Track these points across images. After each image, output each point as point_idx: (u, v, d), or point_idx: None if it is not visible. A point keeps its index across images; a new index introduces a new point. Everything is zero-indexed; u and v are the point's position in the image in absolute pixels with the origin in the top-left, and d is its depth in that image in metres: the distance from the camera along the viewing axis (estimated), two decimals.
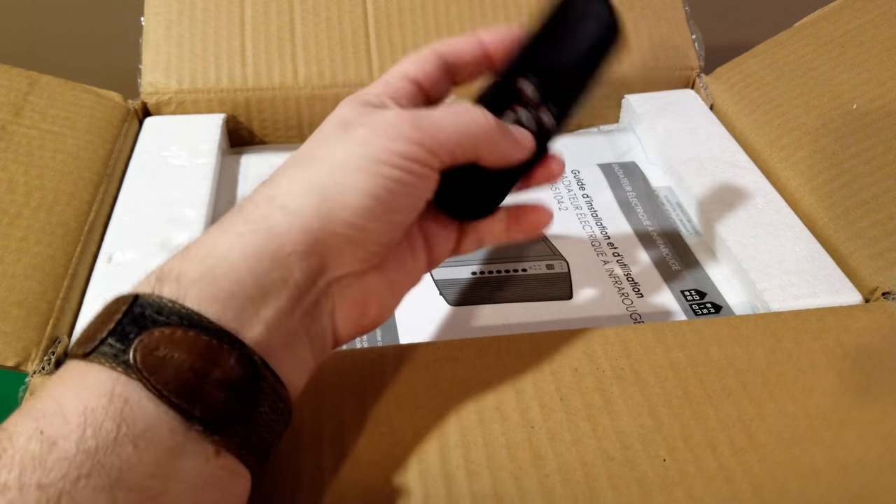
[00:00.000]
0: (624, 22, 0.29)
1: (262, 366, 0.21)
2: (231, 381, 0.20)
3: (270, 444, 0.22)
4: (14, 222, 0.35)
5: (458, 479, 0.26)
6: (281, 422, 0.22)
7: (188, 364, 0.19)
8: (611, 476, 0.26)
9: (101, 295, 0.35)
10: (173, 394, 0.19)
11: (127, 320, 0.20)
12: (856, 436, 0.28)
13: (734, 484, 0.26)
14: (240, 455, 0.20)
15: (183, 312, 0.20)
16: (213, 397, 0.19)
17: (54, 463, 0.17)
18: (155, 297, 0.20)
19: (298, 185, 0.23)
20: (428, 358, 0.30)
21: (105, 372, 0.19)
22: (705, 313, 0.37)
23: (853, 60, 0.44)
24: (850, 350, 0.31)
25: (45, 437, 0.17)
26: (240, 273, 0.21)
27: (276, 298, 0.22)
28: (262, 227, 0.22)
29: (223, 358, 0.20)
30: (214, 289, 0.20)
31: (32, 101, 0.41)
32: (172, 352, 0.19)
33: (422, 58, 0.27)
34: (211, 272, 0.21)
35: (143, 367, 0.19)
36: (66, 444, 0.17)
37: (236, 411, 0.20)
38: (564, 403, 0.28)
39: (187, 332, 0.19)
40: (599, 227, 0.42)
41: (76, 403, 0.18)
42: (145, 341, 0.19)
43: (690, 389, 0.29)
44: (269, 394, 0.21)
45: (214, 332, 0.20)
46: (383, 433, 0.27)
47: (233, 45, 0.48)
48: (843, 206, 0.39)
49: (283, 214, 0.22)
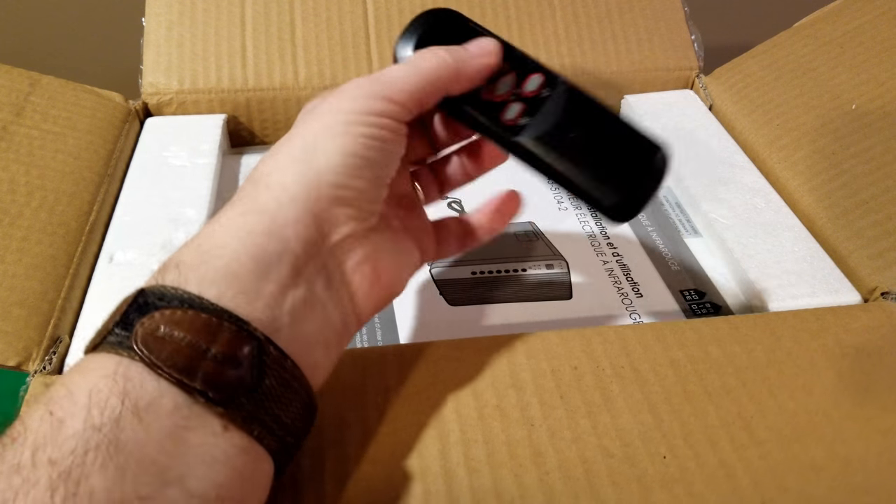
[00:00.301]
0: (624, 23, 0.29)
1: (266, 341, 0.21)
2: (231, 355, 0.20)
3: (292, 426, 0.22)
4: (15, 222, 0.35)
5: (459, 476, 0.26)
6: (297, 401, 0.22)
7: (187, 341, 0.20)
8: (611, 473, 0.26)
9: (103, 295, 0.35)
10: (173, 369, 0.19)
11: (132, 309, 0.20)
12: (856, 432, 0.28)
13: (734, 480, 0.26)
14: (250, 431, 0.20)
15: (184, 296, 0.20)
16: (213, 371, 0.20)
17: (64, 440, 0.18)
18: (158, 286, 0.21)
19: (281, 162, 0.24)
20: (428, 357, 0.30)
21: (109, 357, 0.20)
22: (704, 313, 0.37)
23: (852, 61, 0.45)
24: (850, 349, 0.31)
25: (54, 418, 0.18)
26: (236, 253, 0.22)
27: (277, 272, 0.22)
28: (253, 209, 0.23)
29: (222, 333, 0.20)
30: (213, 272, 0.21)
31: (34, 101, 0.41)
32: (172, 331, 0.20)
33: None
34: (209, 257, 0.21)
35: (143, 346, 0.19)
36: (74, 421, 0.18)
37: (239, 385, 0.20)
38: (564, 401, 0.28)
39: (186, 312, 0.20)
40: (599, 227, 0.42)
41: (82, 385, 0.19)
42: (146, 324, 0.20)
43: (690, 387, 0.29)
44: (274, 368, 0.21)
45: (213, 310, 0.20)
46: (384, 431, 0.27)
47: (233, 46, 0.48)
48: (842, 206, 0.39)
49: (270, 191, 0.23)
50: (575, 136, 0.27)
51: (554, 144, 0.27)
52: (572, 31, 0.51)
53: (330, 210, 0.23)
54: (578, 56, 0.50)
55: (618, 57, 0.51)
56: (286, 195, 0.23)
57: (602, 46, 0.51)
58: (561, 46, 0.50)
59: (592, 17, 0.51)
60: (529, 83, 0.28)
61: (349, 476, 0.26)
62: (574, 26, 0.51)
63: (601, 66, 0.50)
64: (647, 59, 0.51)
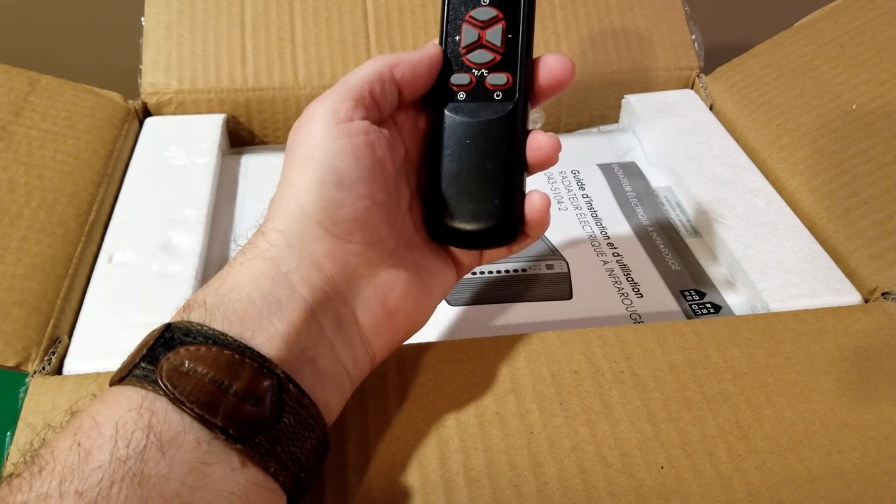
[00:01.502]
0: (624, 22, 0.29)
1: (285, 378, 0.22)
2: (252, 392, 0.21)
3: (306, 463, 0.22)
4: (14, 222, 0.35)
5: (458, 486, 0.26)
6: (312, 438, 0.22)
7: (210, 377, 0.20)
8: (609, 484, 0.26)
9: (102, 295, 0.35)
10: (195, 405, 0.20)
11: (158, 344, 0.21)
12: (851, 442, 0.28)
13: (731, 492, 0.26)
14: (266, 468, 0.21)
15: (208, 333, 0.21)
16: (234, 408, 0.20)
17: (90, 471, 0.18)
18: (184, 322, 0.22)
19: (273, 211, 0.25)
20: (429, 360, 0.30)
21: (136, 391, 0.20)
22: (705, 313, 0.37)
23: (853, 60, 0.44)
24: (849, 352, 0.31)
25: (81, 449, 0.19)
26: (250, 296, 0.22)
27: (288, 313, 0.23)
28: (258, 255, 0.24)
29: (244, 370, 0.21)
30: (231, 312, 0.22)
31: (33, 101, 0.41)
32: (196, 366, 0.20)
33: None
34: (227, 298, 0.22)
35: (167, 381, 0.20)
36: (100, 453, 0.19)
37: (258, 421, 0.21)
38: (564, 408, 0.28)
39: (210, 348, 0.21)
40: (599, 227, 0.42)
41: (109, 418, 0.19)
42: (171, 359, 0.20)
43: (689, 393, 0.29)
44: (293, 406, 0.21)
45: (236, 347, 0.21)
46: (385, 439, 0.27)
47: (233, 46, 0.48)
48: (843, 206, 0.39)
49: (267, 240, 0.24)
50: (473, 144, 0.27)
51: (455, 136, 0.27)
52: (572, 31, 0.50)
53: (326, 250, 0.24)
54: (578, 56, 0.50)
55: (618, 56, 0.51)
56: (282, 242, 0.24)
57: (602, 46, 0.50)
58: (561, 46, 0.50)
59: (592, 17, 0.51)
60: (493, 78, 0.27)
61: (350, 484, 0.26)
62: (574, 26, 0.51)
63: (601, 66, 0.50)
64: (648, 58, 0.51)
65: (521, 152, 0.27)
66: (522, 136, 0.28)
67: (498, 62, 0.27)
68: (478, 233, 0.27)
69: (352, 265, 0.24)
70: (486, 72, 0.27)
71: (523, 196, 0.28)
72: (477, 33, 0.27)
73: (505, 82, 0.27)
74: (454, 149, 0.27)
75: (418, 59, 0.27)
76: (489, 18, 0.27)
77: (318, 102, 0.25)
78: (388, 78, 0.26)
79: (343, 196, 0.24)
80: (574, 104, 0.52)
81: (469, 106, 0.27)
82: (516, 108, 0.27)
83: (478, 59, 0.27)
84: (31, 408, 0.28)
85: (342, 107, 0.25)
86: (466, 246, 0.28)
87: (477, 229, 0.27)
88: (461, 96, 0.28)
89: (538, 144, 0.27)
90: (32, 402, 0.28)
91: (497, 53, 0.27)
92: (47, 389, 0.29)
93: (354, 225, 0.24)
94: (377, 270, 0.25)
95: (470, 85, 0.27)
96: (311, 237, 0.24)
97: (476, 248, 0.29)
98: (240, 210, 0.43)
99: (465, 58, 0.28)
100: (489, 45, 0.27)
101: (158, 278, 0.36)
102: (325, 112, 0.25)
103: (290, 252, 0.23)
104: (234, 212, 0.43)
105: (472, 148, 0.27)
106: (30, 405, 0.28)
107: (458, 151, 0.27)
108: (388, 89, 0.26)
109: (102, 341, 0.32)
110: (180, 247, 0.37)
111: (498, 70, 0.27)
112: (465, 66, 0.27)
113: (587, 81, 0.50)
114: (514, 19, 0.27)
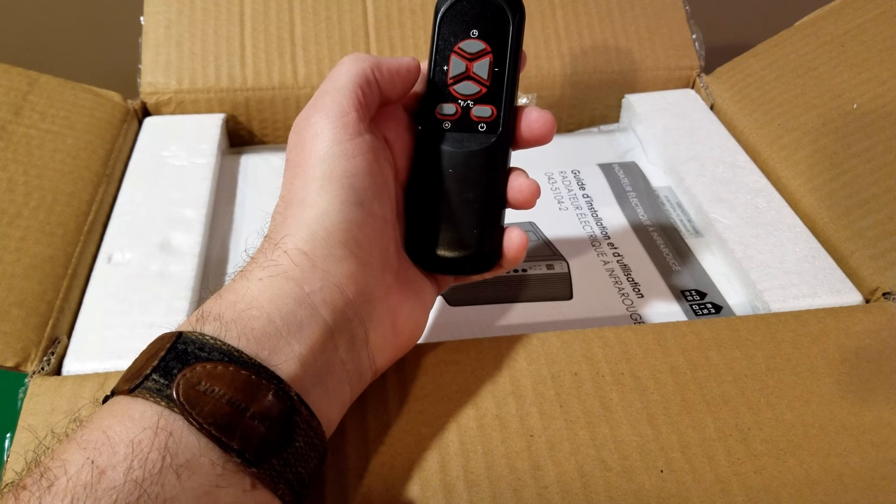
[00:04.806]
0: (625, 22, 0.29)
1: (298, 401, 0.21)
2: (268, 415, 0.20)
3: (307, 480, 0.22)
4: (13, 222, 0.35)
5: (458, 489, 0.25)
6: (315, 457, 0.22)
7: (227, 398, 0.20)
8: (608, 488, 0.26)
9: (101, 295, 0.35)
10: (213, 427, 0.19)
11: (170, 356, 0.21)
12: (850, 445, 0.27)
13: (730, 496, 0.26)
14: (275, 490, 0.21)
15: (224, 349, 0.21)
16: (250, 431, 0.20)
17: (104, 492, 0.18)
18: (197, 334, 0.21)
19: (293, 228, 0.24)
20: (428, 362, 0.30)
21: (149, 406, 0.20)
22: (706, 313, 0.37)
23: (854, 59, 0.44)
24: (849, 354, 0.31)
25: (95, 467, 0.18)
26: (270, 315, 0.22)
27: (308, 335, 0.23)
28: (278, 273, 0.23)
29: (261, 392, 0.21)
30: (248, 329, 0.22)
31: (32, 100, 0.41)
32: (213, 386, 0.20)
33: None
34: (245, 315, 0.22)
35: (185, 400, 0.20)
36: (115, 473, 0.18)
37: (273, 445, 0.21)
38: (564, 410, 0.28)
39: (227, 367, 0.20)
40: (600, 226, 0.42)
41: (123, 435, 0.19)
42: (188, 376, 0.20)
43: (689, 396, 0.29)
44: (304, 429, 0.21)
45: (253, 366, 0.21)
46: (384, 442, 0.27)
47: (232, 45, 0.47)
48: (844, 206, 0.39)
49: (290, 258, 0.23)
50: (455, 173, 0.28)
51: (439, 164, 0.28)
52: (572, 31, 0.50)
53: (348, 271, 0.24)
54: (579, 55, 0.50)
55: (618, 56, 0.50)
56: (306, 263, 0.23)
57: (603, 46, 0.50)
58: (561, 46, 0.50)
59: (593, 17, 0.51)
60: (478, 110, 0.28)
61: (349, 488, 0.26)
62: (574, 26, 0.50)
63: (602, 66, 0.50)
64: (648, 58, 0.51)
65: (502, 185, 0.28)
66: (504, 168, 0.28)
67: (483, 94, 0.28)
68: (454, 260, 0.28)
69: (371, 286, 0.25)
70: (471, 103, 0.28)
71: (502, 229, 0.28)
72: (465, 65, 0.28)
73: (489, 115, 0.28)
74: (437, 177, 0.28)
75: (397, 65, 0.27)
76: (477, 51, 0.28)
77: (321, 112, 0.25)
78: (372, 79, 0.26)
79: (364, 216, 0.24)
80: (574, 104, 0.51)
81: (454, 135, 0.28)
82: (499, 141, 0.28)
83: (464, 91, 0.28)
84: (31, 409, 0.28)
85: (348, 119, 0.25)
86: (441, 271, 0.29)
87: (454, 257, 0.28)
88: (447, 125, 0.28)
89: (518, 187, 0.28)
90: (32, 403, 0.28)
91: (483, 86, 0.28)
92: (46, 390, 0.29)
93: (374, 245, 0.25)
94: (390, 291, 0.26)
95: (455, 115, 0.28)
96: (335, 259, 0.24)
97: (450, 275, 0.30)
98: (239, 210, 0.43)
99: (451, 88, 0.28)
100: (476, 78, 0.28)
101: (158, 278, 0.36)
102: (334, 126, 0.25)
103: (314, 273, 0.23)
104: (234, 211, 0.43)
105: (454, 177, 0.28)
106: (29, 406, 0.28)
107: (440, 180, 0.28)
108: (373, 90, 0.26)
109: (102, 341, 0.32)
110: (179, 247, 0.37)
111: (483, 102, 0.28)
112: (452, 96, 0.28)
113: (587, 81, 0.50)
114: (501, 53, 0.28)
